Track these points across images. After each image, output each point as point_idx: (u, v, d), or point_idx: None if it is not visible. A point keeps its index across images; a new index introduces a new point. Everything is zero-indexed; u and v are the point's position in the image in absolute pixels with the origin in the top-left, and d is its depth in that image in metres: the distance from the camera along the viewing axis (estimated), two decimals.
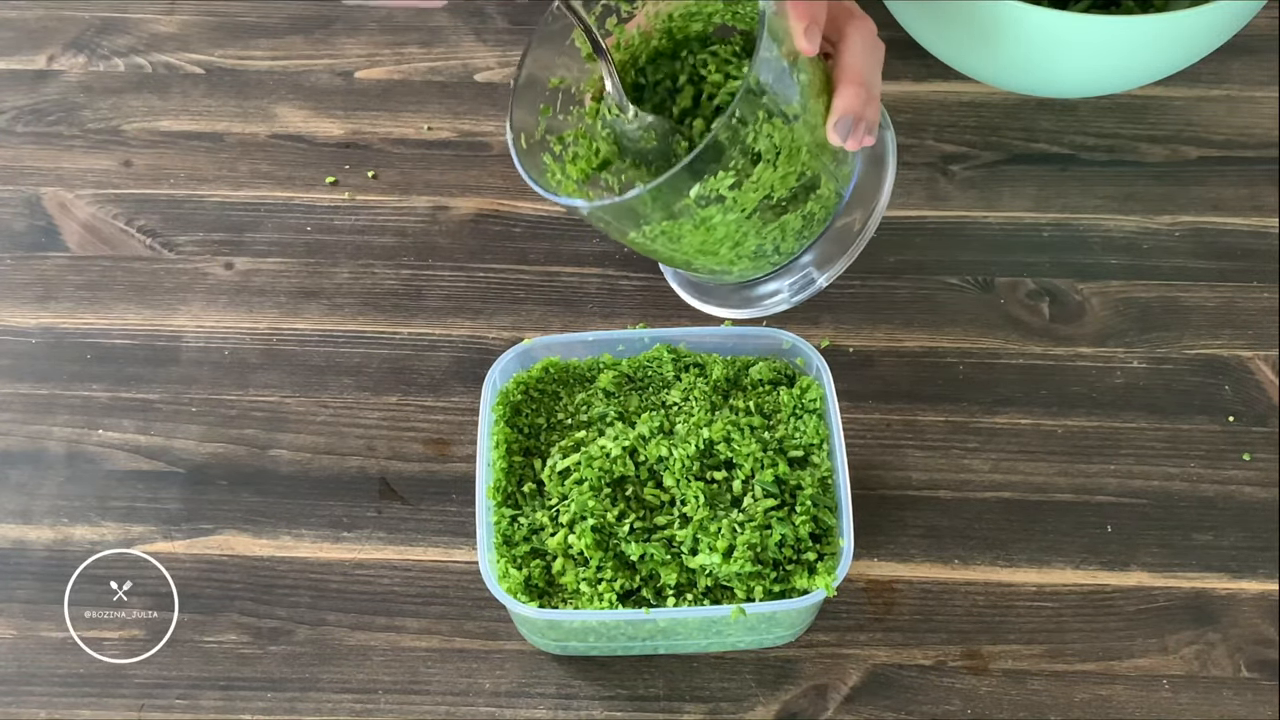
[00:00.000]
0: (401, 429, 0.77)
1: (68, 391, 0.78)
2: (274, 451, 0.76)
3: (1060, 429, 0.76)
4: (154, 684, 0.69)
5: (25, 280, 0.83)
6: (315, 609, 0.71)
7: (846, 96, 0.63)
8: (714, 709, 0.68)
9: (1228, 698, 0.68)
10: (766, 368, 0.71)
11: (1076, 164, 0.87)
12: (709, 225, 0.63)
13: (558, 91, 0.69)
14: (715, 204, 0.62)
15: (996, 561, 0.72)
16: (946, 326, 0.80)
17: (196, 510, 0.74)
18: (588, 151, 0.69)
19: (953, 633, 0.70)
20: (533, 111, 0.68)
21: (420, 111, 0.90)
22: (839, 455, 0.66)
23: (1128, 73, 0.82)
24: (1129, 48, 0.78)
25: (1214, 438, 0.76)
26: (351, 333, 0.81)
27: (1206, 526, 0.73)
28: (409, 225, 0.85)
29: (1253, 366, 0.78)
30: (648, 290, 0.82)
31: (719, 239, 0.64)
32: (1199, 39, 0.79)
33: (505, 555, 0.64)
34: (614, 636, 0.66)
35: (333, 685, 0.69)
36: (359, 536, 0.73)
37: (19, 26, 0.95)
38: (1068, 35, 0.76)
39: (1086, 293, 0.81)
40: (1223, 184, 0.86)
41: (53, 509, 0.74)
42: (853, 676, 0.69)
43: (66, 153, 0.89)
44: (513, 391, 0.69)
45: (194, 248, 0.84)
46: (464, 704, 0.69)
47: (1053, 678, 0.69)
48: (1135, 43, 0.77)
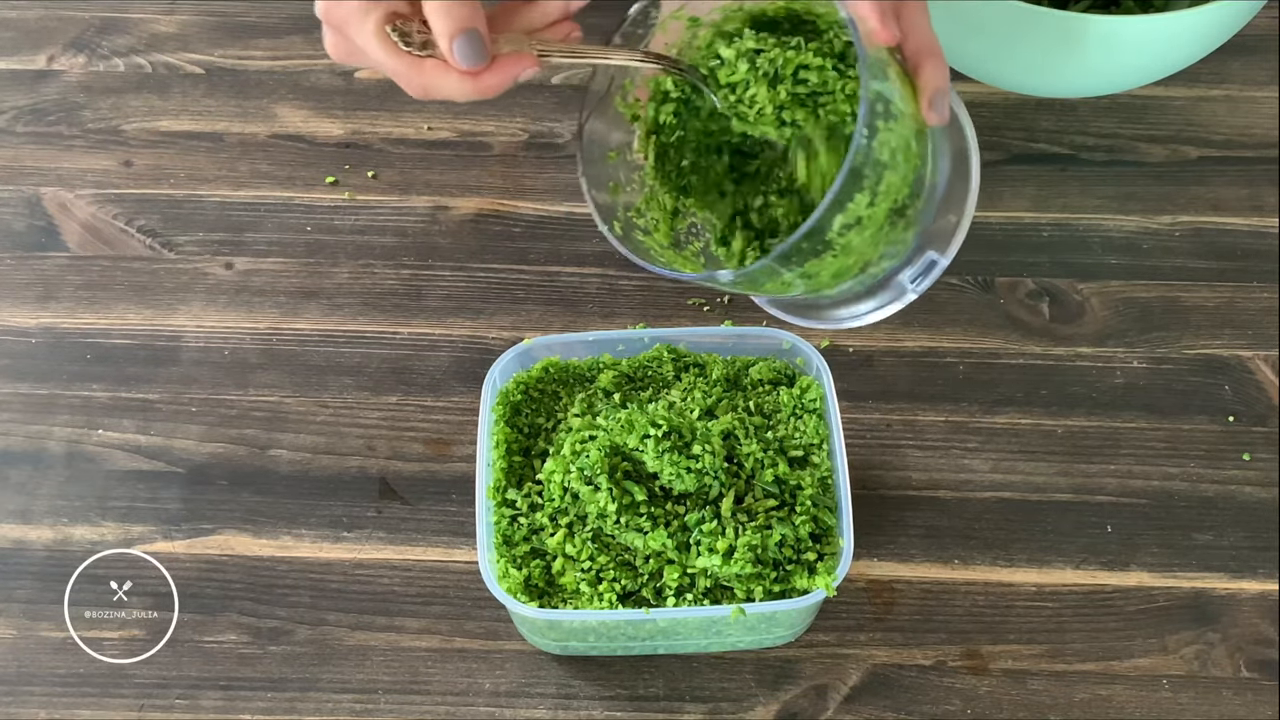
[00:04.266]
0: (401, 429, 0.77)
1: (68, 391, 0.78)
2: (274, 451, 0.76)
3: (1060, 429, 0.76)
4: (154, 684, 0.69)
5: (25, 280, 0.83)
6: (315, 609, 0.71)
7: (933, 71, 0.61)
8: (714, 709, 0.68)
9: (1228, 698, 0.68)
10: (766, 368, 0.71)
11: (1076, 164, 0.87)
12: (847, 250, 0.61)
13: (618, 165, 0.66)
14: (855, 228, 0.59)
15: (996, 561, 0.72)
16: (946, 326, 0.80)
17: (196, 510, 0.74)
18: (661, 212, 0.66)
19: (953, 633, 0.70)
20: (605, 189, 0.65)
21: (420, 111, 0.90)
22: (839, 455, 0.66)
23: (1128, 73, 0.82)
24: (1129, 48, 0.78)
25: (1214, 438, 0.76)
26: (351, 333, 0.81)
27: (1206, 526, 0.73)
28: (409, 225, 0.85)
29: (1253, 366, 0.78)
30: (648, 290, 0.82)
31: (853, 263, 0.62)
32: (1199, 39, 0.79)
33: (505, 555, 0.64)
34: (614, 636, 0.66)
35: (333, 685, 0.69)
36: (359, 536, 0.73)
37: (19, 26, 0.95)
38: (1068, 35, 0.76)
39: (1086, 293, 0.81)
40: (1223, 184, 0.86)
41: (53, 509, 0.74)
42: (853, 676, 0.69)
43: (66, 153, 0.89)
44: (513, 391, 0.69)
45: (194, 248, 0.84)
46: (464, 704, 0.69)
47: (1053, 678, 0.69)
48: (1135, 43, 0.77)
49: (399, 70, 0.57)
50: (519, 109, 0.90)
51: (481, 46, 0.56)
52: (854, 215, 0.58)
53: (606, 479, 0.63)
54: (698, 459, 0.64)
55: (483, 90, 0.58)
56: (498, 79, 0.57)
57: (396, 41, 0.56)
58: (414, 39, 0.56)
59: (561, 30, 0.61)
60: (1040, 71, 0.82)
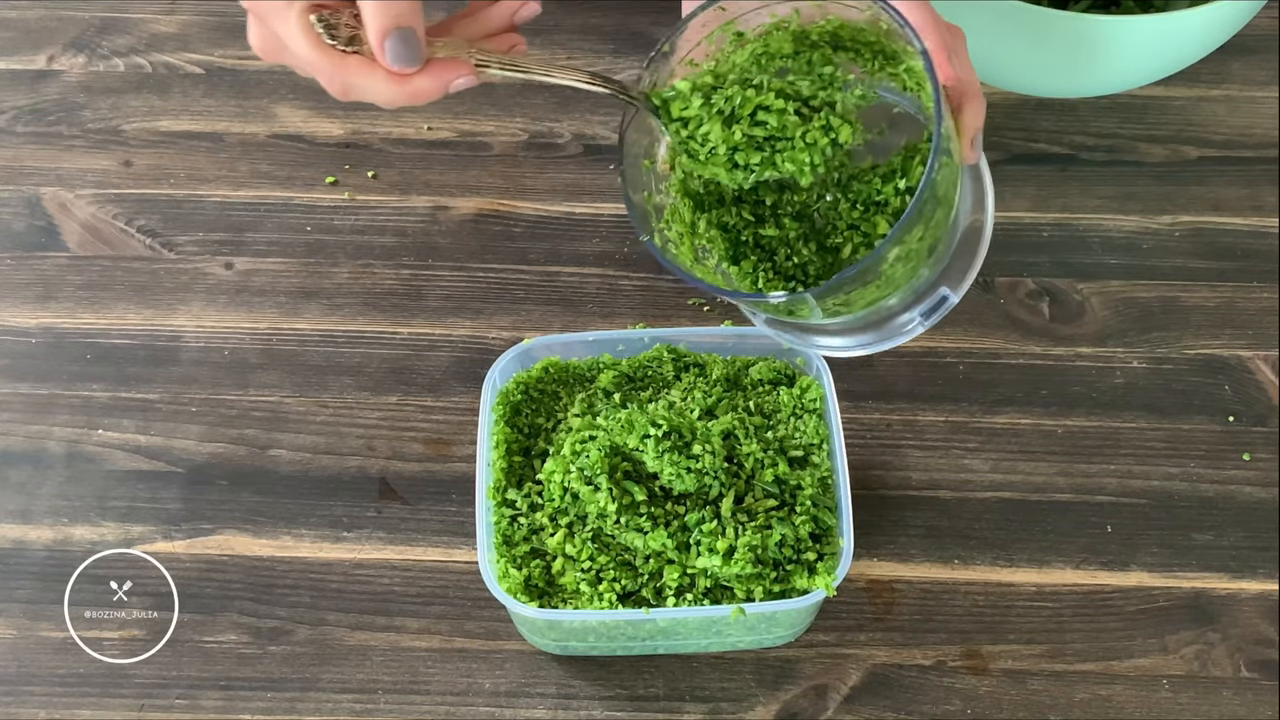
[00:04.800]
0: (401, 429, 0.77)
1: (68, 391, 0.78)
2: (274, 451, 0.76)
3: (1060, 429, 0.76)
4: (154, 684, 0.69)
5: (25, 280, 0.83)
6: (315, 609, 0.71)
7: (975, 111, 0.61)
8: (714, 709, 0.68)
9: (1228, 698, 0.68)
10: (766, 368, 0.71)
11: (1076, 164, 0.87)
12: (889, 281, 0.60)
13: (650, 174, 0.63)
14: (902, 260, 0.58)
15: (996, 561, 0.72)
16: (946, 326, 0.80)
17: (196, 510, 0.74)
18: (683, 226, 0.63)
19: (953, 633, 0.70)
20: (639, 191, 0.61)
21: (420, 111, 0.90)
22: (839, 455, 0.66)
23: (1128, 73, 0.82)
24: (1129, 48, 0.78)
25: (1214, 438, 0.76)
26: (351, 333, 0.81)
27: (1206, 526, 0.73)
28: (409, 225, 0.85)
29: (1253, 366, 0.78)
30: (648, 290, 0.82)
31: (886, 293, 0.61)
32: (1199, 39, 0.79)
33: (505, 555, 0.64)
34: (614, 636, 0.66)
35: (333, 685, 0.69)
36: (359, 536, 0.73)
37: (19, 26, 0.95)
38: (1068, 35, 0.76)
39: (1086, 293, 0.81)
40: (1223, 184, 0.86)
41: (53, 509, 0.74)
42: (853, 676, 0.69)
43: (66, 153, 0.89)
44: (513, 391, 0.69)
45: (194, 248, 0.84)
46: (464, 704, 0.69)
47: (1053, 678, 0.69)
48: (1135, 43, 0.77)
49: (320, 65, 0.53)
50: (519, 109, 0.90)
51: (416, 47, 0.52)
52: (908, 247, 0.58)
53: (606, 479, 0.63)
54: (698, 459, 0.64)
55: (411, 95, 0.54)
56: (429, 84, 0.54)
57: (321, 33, 0.52)
58: (341, 33, 0.53)
59: (505, 41, 0.57)
60: (1040, 71, 0.82)
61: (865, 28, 0.61)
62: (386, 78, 0.53)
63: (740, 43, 0.62)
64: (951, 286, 0.67)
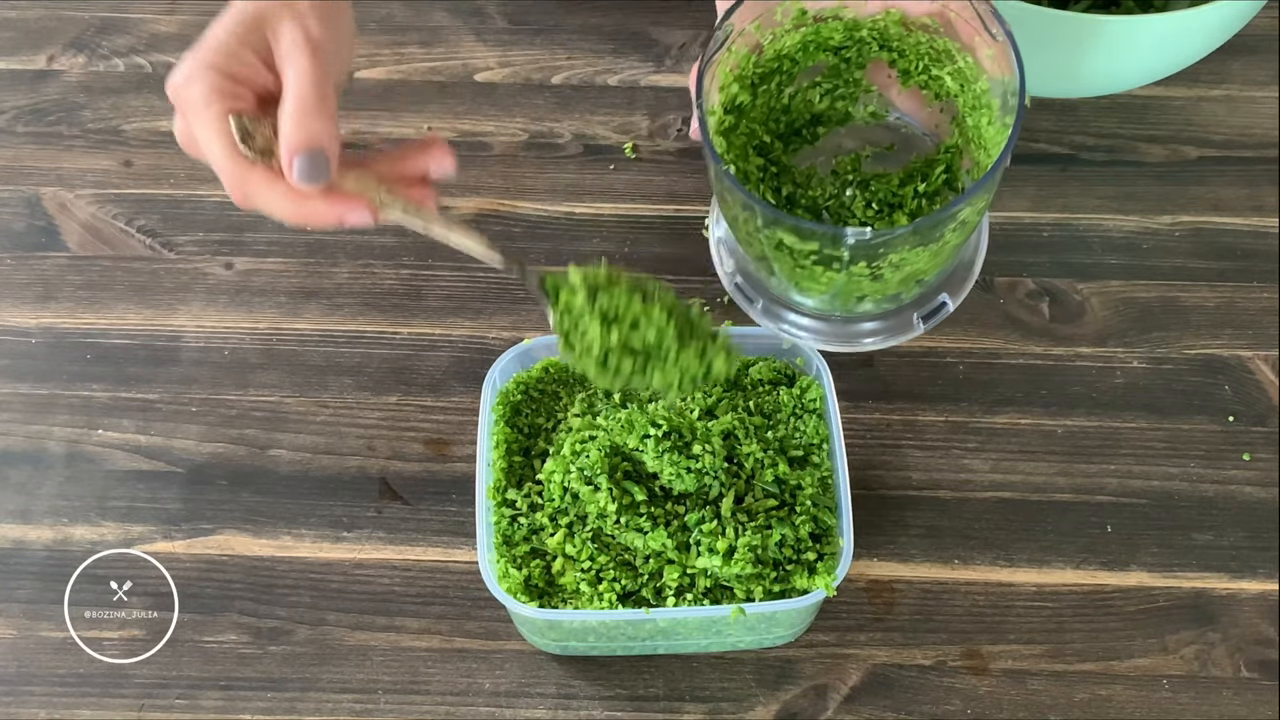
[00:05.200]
0: (401, 429, 0.77)
1: (68, 391, 0.78)
2: (274, 451, 0.76)
3: (1060, 429, 0.76)
4: (154, 684, 0.69)
5: (25, 280, 0.83)
6: (315, 609, 0.71)
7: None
8: (714, 709, 0.68)
9: (1228, 698, 0.68)
10: (766, 368, 0.71)
11: (1076, 164, 0.87)
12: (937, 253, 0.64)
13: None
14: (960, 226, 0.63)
15: (996, 561, 0.72)
16: (946, 326, 0.80)
17: (196, 510, 0.74)
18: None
19: (953, 633, 0.70)
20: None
21: (420, 111, 0.90)
22: (839, 455, 0.66)
23: (1128, 73, 0.82)
24: (1129, 48, 0.78)
25: (1214, 438, 0.76)
26: (351, 333, 0.81)
27: (1206, 526, 0.73)
28: None
29: (1253, 366, 0.78)
30: None
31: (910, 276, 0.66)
32: (1199, 39, 0.79)
33: (505, 555, 0.64)
34: (614, 636, 0.66)
35: (333, 685, 0.69)
36: (359, 536, 0.73)
37: (19, 26, 0.95)
38: (1068, 35, 0.76)
39: (1086, 293, 0.81)
40: (1223, 184, 0.86)
41: (53, 509, 0.74)
42: (853, 676, 0.69)
43: (66, 153, 0.89)
44: (513, 391, 0.69)
45: (194, 248, 0.84)
46: (464, 704, 0.69)
47: (1053, 678, 0.69)
48: (1135, 43, 0.77)
49: (226, 170, 0.54)
50: (519, 109, 0.90)
51: (324, 169, 0.53)
52: (962, 219, 0.61)
53: (606, 479, 0.63)
54: (698, 459, 0.64)
55: (304, 216, 0.54)
56: (326, 211, 0.54)
57: (236, 138, 0.53)
58: (256, 142, 0.53)
59: (416, 193, 0.58)
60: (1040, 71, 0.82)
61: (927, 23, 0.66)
62: (286, 192, 0.53)
63: (800, 22, 0.66)
64: (951, 294, 0.70)
